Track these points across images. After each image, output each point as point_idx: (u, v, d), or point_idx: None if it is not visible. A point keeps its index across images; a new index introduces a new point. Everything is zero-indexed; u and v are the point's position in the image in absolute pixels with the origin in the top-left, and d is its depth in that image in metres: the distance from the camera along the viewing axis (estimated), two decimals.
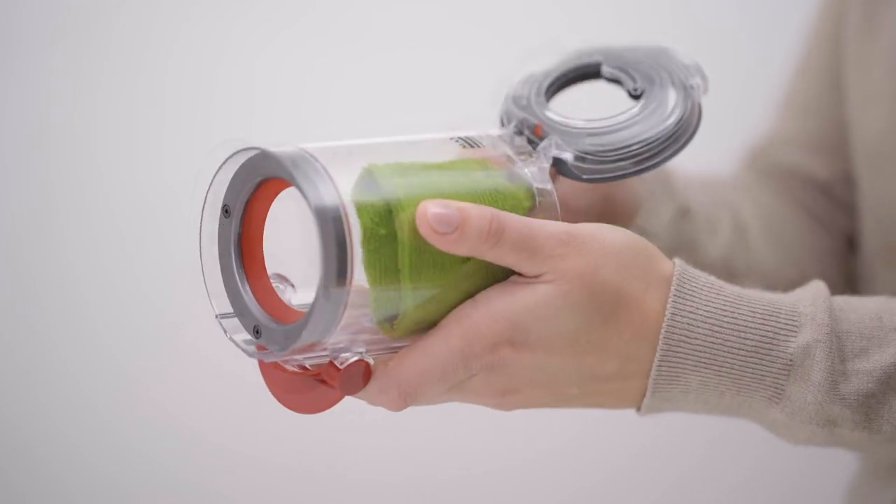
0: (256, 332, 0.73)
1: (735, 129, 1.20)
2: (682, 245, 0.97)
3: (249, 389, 0.74)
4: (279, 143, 0.73)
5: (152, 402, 1.61)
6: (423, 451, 1.61)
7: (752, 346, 0.75)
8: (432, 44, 1.61)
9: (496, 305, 0.72)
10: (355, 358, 0.72)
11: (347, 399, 0.74)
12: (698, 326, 0.74)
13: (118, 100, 1.58)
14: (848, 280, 1.10)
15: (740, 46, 1.58)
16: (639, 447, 1.61)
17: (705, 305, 0.75)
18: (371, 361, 0.72)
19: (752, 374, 0.75)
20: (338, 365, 0.72)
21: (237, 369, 0.94)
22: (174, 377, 1.60)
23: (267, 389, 0.75)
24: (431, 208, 0.70)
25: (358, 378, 0.72)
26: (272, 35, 1.59)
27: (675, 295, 0.74)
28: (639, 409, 0.77)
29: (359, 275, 0.70)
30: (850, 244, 1.11)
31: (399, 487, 1.63)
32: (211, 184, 0.73)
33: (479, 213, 0.70)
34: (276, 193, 0.73)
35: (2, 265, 1.59)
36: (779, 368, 0.75)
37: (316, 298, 0.70)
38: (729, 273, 1.00)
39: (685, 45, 0.86)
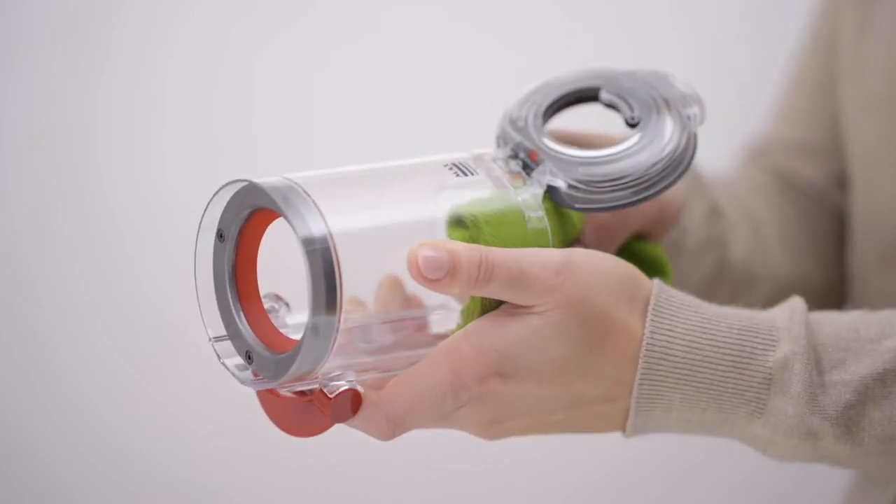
0: (248, 357, 0.73)
1: (737, 130, 1.20)
2: (713, 243, 0.98)
3: (249, 389, 0.75)
4: (272, 173, 0.73)
5: (152, 402, 1.61)
6: (422, 449, 1.60)
7: (731, 361, 0.76)
8: (435, 44, 1.60)
9: (486, 338, 0.73)
10: (345, 387, 0.72)
11: None
12: (677, 344, 0.75)
13: (118, 100, 1.59)
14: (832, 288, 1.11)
15: (742, 47, 1.57)
16: (636, 450, 1.60)
17: (683, 323, 0.75)
18: (361, 390, 0.73)
19: (733, 389, 0.76)
20: (328, 394, 0.72)
21: None
22: (174, 377, 1.60)
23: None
24: (422, 252, 0.71)
25: (347, 407, 0.73)
26: (272, 35, 1.59)
27: (652, 314, 0.75)
28: (624, 431, 0.78)
29: (355, 290, 0.71)
30: (838, 249, 1.11)
31: (399, 486, 1.63)
32: (205, 210, 0.74)
33: (468, 255, 0.71)
34: (270, 220, 0.73)
35: (2, 265, 1.59)
36: (759, 382, 0.76)
37: (305, 331, 0.70)
38: (749, 277, 1.01)
39: (684, 45, 0.86)
